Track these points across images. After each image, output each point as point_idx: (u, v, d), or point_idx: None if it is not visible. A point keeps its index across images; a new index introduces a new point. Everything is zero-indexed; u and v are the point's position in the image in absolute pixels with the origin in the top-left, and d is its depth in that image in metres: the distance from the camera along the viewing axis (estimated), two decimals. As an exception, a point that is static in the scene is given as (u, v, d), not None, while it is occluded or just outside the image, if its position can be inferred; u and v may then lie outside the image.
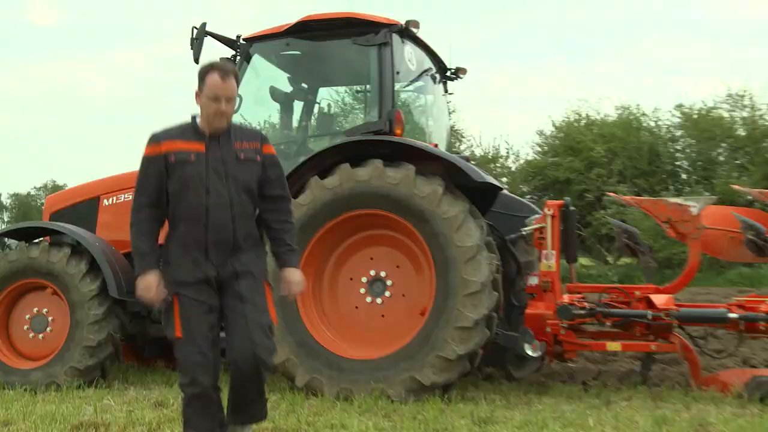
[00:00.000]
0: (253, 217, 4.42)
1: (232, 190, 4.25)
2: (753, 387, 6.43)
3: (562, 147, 25.84)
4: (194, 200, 4.20)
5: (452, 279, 6.33)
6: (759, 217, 7.20)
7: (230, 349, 4.19)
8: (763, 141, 23.83)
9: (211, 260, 4.24)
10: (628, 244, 8.09)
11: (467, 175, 6.66)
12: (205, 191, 4.19)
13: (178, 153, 4.23)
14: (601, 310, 6.99)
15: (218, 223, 4.21)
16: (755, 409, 5.89)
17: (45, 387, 6.98)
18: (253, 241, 4.39)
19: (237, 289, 4.25)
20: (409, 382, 6.29)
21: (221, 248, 4.24)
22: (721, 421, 5.43)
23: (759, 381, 6.52)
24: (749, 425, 5.30)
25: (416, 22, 7.27)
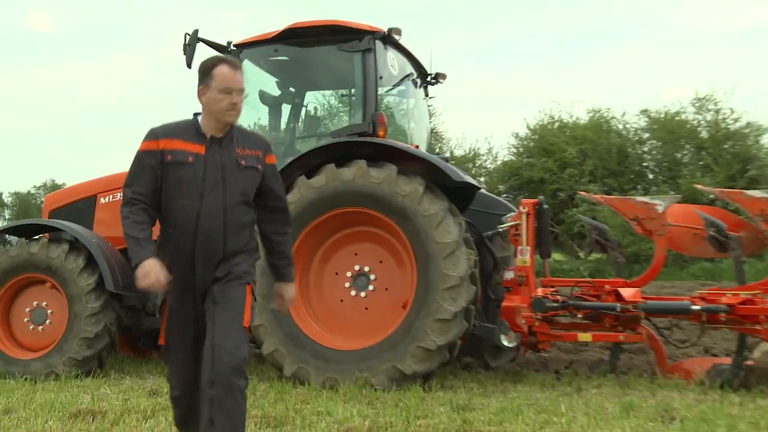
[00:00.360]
0: (249, 228, 3.96)
1: (228, 197, 3.80)
2: (714, 374, 6.50)
3: (536, 148, 25.92)
4: (186, 205, 3.77)
5: (432, 273, 6.34)
6: (720, 214, 7.25)
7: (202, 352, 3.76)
8: (725, 143, 23.98)
9: (197, 269, 3.81)
10: (599, 240, 8.12)
11: (447, 175, 6.68)
12: (200, 196, 3.76)
13: (175, 152, 3.79)
14: (572, 302, 7.02)
15: (208, 231, 3.77)
16: (716, 395, 5.94)
17: (44, 376, 7.01)
18: (244, 253, 3.92)
19: (213, 292, 3.81)
20: (392, 372, 6.30)
21: (208, 258, 3.80)
22: (685, 406, 5.46)
23: (719, 369, 6.58)
24: (710, 410, 5.33)
25: (398, 29, 7.28)
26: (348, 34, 7.15)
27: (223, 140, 3.86)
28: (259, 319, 6.51)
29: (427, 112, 8.68)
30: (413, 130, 8.09)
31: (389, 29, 7.23)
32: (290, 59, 7.71)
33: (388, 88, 7.60)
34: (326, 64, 7.75)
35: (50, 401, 5.80)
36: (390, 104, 7.99)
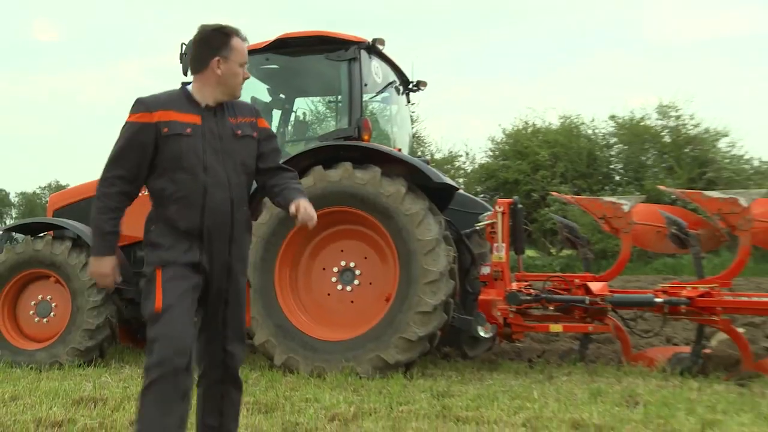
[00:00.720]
0: (247, 204, 3.59)
1: (229, 169, 3.43)
2: (674, 362, 6.54)
3: (511, 152, 26.00)
4: (190, 179, 3.35)
5: (414, 269, 6.35)
6: (681, 213, 7.31)
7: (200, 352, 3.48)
8: (685, 147, 24.16)
9: (205, 247, 3.39)
10: (569, 237, 8.16)
11: (427, 177, 6.69)
12: (203, 169, 3.36)
13: (172, 124, 3.35)
14: (545, 296, 7.04)
15: (216, 206, 3.38)
16: (676, 381, 5.97)
17: (49, 366, 7.02)
18: (246, 231, 3.59)
19: (224, 290, 3.47)
20: (376, 361, 6.30)
21: (218, 236, 3.41)
22: (648, 392, 5.49)
23: (679, 357, 6.63)
24: (671, 395, 5.37)
25: (382, 39, 7.28)
26: (335, 44, 7.14)
27: (216, 110, 3.50)
28: (252, 312, 6.50)
29: (409, 117, 8.68)
30: (396, 134, 8.09)
31: (373, 40, 7.23)
32: (281, 67, 7.68)
33: (372, 95, 7.59)
34: (314, 72, 7.73)
35: (54, 389, 5.77)
36: (374, 110, 7.98)
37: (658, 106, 25.06)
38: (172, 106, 3.40)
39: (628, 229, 7.20)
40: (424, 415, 4.81)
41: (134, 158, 3.36)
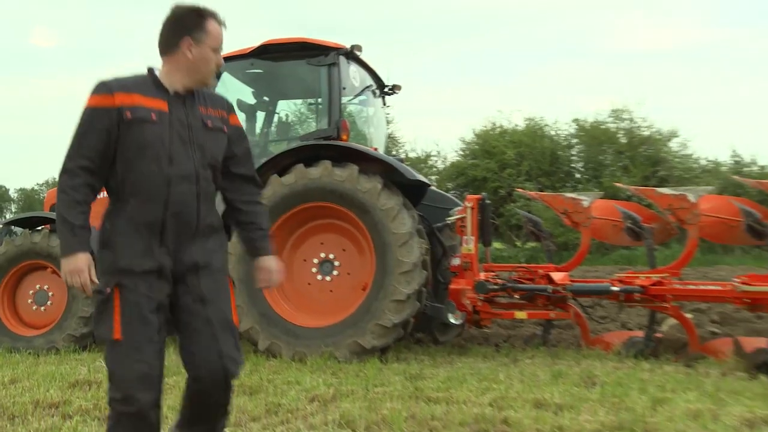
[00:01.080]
0: (215, 199, 3.07)
1: (197, 161, 2.91)
2: (629, 346, 6.59)
3: (480, 151, 26.00)
4: (153, 170, 2.83)
5: (389, 260, 6.35)
6: (636, 209, 7.37)
7: (192, 362, 2.91)
8: (639, 147, 24.35)
9: (167, 246, 2.87)
10: (533, 231, 8.20)
11: (402, 174, 6.69)
12: (168, 160, 2.84)
13: (135, 108, 2.82)
14: (510, 285, 7.07)
15: (181, 200, 2.87)
16: (630, 363, 6.01)
17: (46, 351, 7.02)
18: (215, 228, 3.05)
19: (198, 287, 2.92)
20: (353, 346, 6.30)
21: (181, 232, 2.89)
22: (604, 373, 5.53)
23: (634, 341, 6.69)
24: (626, 376, 5.41)
25: (359, 46, 7.27)
26: (315, 50, 7.12)
27: (186, 97, 2.96)
28: (237, 301, 6.46)
29: (384, 119, 8.67)
30: (372, 134, 8.08)
31: (352, 46, 7.21)
32: (264, 72, 7.64)
33: (350, 98, 7.57)
34: (296, 77, 7.70)
35: (51, 372, 5.74)
36: (352, 112, 7.96)
37: (612, 109, 25.28)
38: (137, 89, 2.87)
39: (588, 223, 7.25)
40: (398, 396, 4.82)
41: (98, 146, 2.82)
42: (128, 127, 2.81)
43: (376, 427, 4.09)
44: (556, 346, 7.16)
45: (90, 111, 2.85)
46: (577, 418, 4.16)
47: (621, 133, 24.96)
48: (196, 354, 2.90)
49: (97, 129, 2.82)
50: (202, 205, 2.94)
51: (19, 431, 4.04)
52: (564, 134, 26.27)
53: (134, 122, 2.81)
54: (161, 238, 2.87)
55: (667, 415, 4.25)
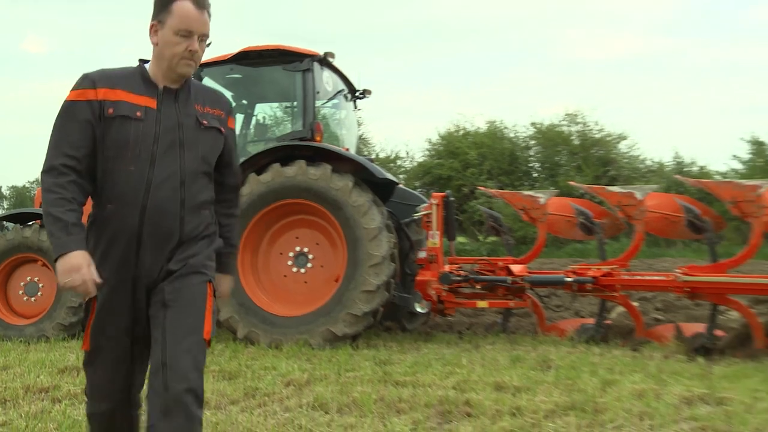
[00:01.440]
0: (209, 207, 2.59)
1: (186, 164, 2.46)
2: (581, 332, 6.67)
3: (444, 152, 26.09)
4: (132, 172, 2.40)
5: (360, 253, 6.35)
6: (588, 206, 7.44)
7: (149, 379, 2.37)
8: (592, 149, 24.63)
9: (143, 259, 2.44)
10: (494, 226, 8.25)
11: (371, 173, 6.70)
12: (150, 162, 2.41)
13: (119, 104, 2.42)
14: (473, 276, 7.12)
15: (161, 207, 2.42)
16: (583, 348, 6.09)
17: (36, 339, 6.95)
18: (206, 233, 2.58)
19: (162, 292, 2.45)
20: (326, 334, 6.29)
21: (160, 244, 2.45)
22: (559, 357, 5.59)
23: (585, 327, 6.76)
24: (578, 360, 5.48)
25: (332, 53, 7.26)
26: (291, 57, 7.08)
27: (179, 93, 2.53)
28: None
29: (356, 121, 8.65)
30: (344, 136, 8.06)
31: (325, 53, 7.19)
32: (243, 77, 7.58)
33: (323, 102, 7.55)
34: (273, 81, 7.65)
35: (41, 359, 5.66)
36: (325, 115, 7.93)
37: (567, 114, 25.53)
38: (123, 84, 2.46)
39: (544, 219, 7.31)
40: (368, 380, 4.83)
41: (80, 137, 2.40)
42: (109, 125, 2.41)
43: (347, 409, 4.09)
44: (514, 332, 7.22)
45: (71, 104, 2.44)
46: (534, 399, 4.20)
47: (575, 136, 25.24)
48: (152, 366, 2.37)
49: (79, 123, 2.40)
50: (188, 214, 2.48)
51: (11, 414, 3.97)
52: (522, 136, 26.51)
53: (116, 119, 2.41)
54: (138, 246, 2.43)
55: (615, 395, 4.31)
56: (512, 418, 3.83)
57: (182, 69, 2.49)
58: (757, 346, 5.76)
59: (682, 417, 3.86)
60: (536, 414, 3.89)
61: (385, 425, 3.71)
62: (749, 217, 5.90)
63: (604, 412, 3.92)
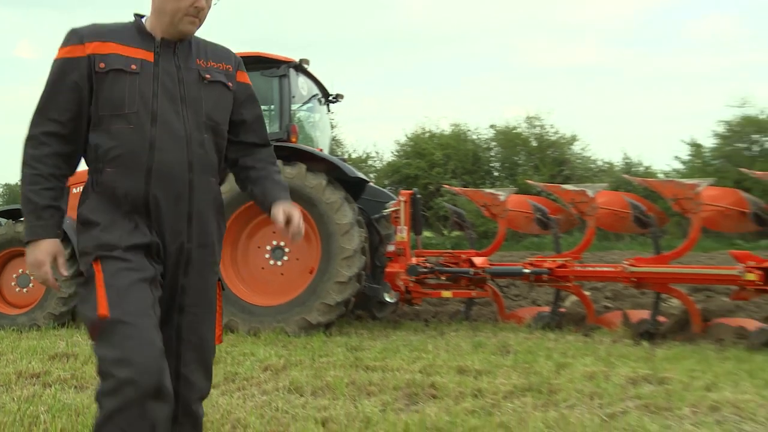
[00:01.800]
0: (216, 174, 2.20)
1: (190, 122, 2.07)
2: (537, 319, 6.73)
3: (412, 152, 26.15)
4: (132, 131, 2.01)
5: (333, 247, 6.34)
6: (545, 203, 7.50)
7: None
8: (548, 150, 24.88)
9: (155, 227, 2.04)
10: (458, 221, 8.29)
11: (344, 172, 6.69)
12: (150, 118, 2.02)
13: (110, 58, 2.03)
14: (438, 268, 7.15)
15: (168, 169, 2.03)
16: (539, 334, 6.15)
17: (28, 328, 6.88)
18: (213, 209, 2.18)
19: (184, 294, 2.10)
20: (301, 322, 6.28)
21: (170, 210, 2.05)
22: (517, 343, 5.65)
23: (542, 315, 6.83)
24: (535, 345, 5.53)
25: (307, 60, 7.24)
26: (268, 63, 7.04)
27: (178, 46, 2.13)
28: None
29: (329, 123, 8.62)
30: (318, 137, 8.04)
31: (300, 60, 7.17)
32: (223, 81, 7.51)
33: (299, 105, 7.52)
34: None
35: (33, 347, 5.59)
36: (301, 117, 7.90)
37: (525, 117, 25.76)
38: (115, 37, 2.07)
39: (504, 215, 7.36)
40: (341, 365, 4.83)
41: (66, 99, 2.03)
42: (101, 81, 2.02)
43: (321, 392, 4.09)
44: (476, 320, 7.26)
45: (57, 64, 2.06)
46: (494, 382, 4.24)
47: (532, 138, 25.46)
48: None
49: (65, 85, 2.03)
50: (196, 176, 2.09)
51: (4, 398, 3.91)
52: (484, 138, 26.71)
53: (109, 74, 2.02)
54: (147, 214, 2.04)
55: (568, 376, 4.37)
56: (474, 399, 3.86)
57: (185, 27, 2.10)
58: (695, 331, 5.89)
59: (628, 396, 3.93)
60: (496, 395, 3.93)
61: (356, 407, 3.71)
62: (689, 213, 6.02)
63: (558, 393, 3.97)
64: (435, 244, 21.01)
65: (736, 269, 5.67)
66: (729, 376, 4.40)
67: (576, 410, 3.64)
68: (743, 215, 5.99)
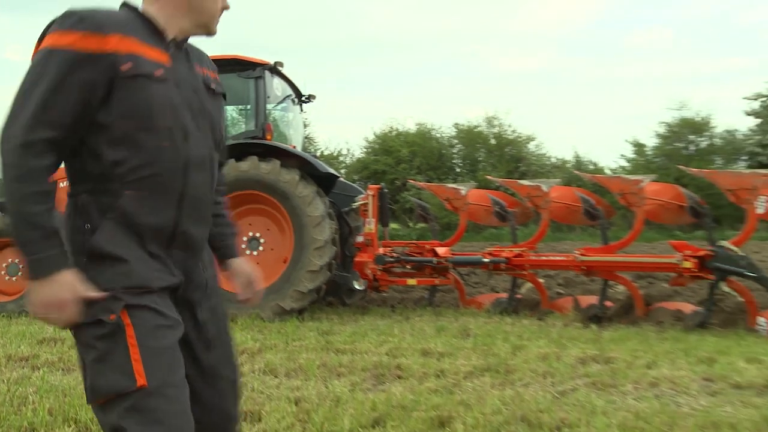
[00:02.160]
0: None
1: (209, 138, 1.64)
2: (496, 305, 6.79)
3: (380, 149, 26.12)
4: (165, 149, 1.53)
5: (305, 238, 6.32)
6: (503, 197, 7.56)
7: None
8: (506, 148, 25.10)
9: (174, 259, 1.59)
10: (422, 214, 8.31)
11: (315, 168, 6.67)
12: (183, 135, 1.55)
13: (139, 59, 1.49)
14: (404, 258, 7.16)
15: (197, 194, 1.60)
16: (497, 319, 6.21)
17: (17, 314, 6.73)
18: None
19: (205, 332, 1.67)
20: (276, 308, 6.25)
21: (193, 239, 1.62)
22: (477, 327, 5.70)
23: (499, 301, 6.89)
24: (493, 329, 5.59)
25: (281, 62, 7.20)
26: (245, 65, 6.96)
27: (186, 49, 1.67)
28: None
29: (302, 122, 8.58)
30: (292, 135, 7.98)
31: (275, 62, 7.12)
32: (201, 81, 7.41)
33: (273, 105, 7.45)
34: (229, 87, 7.33)
35: (22, 332, 5.53)
36: (275, 117, 7.83)
37: (486, 118, 25.94)
38: (133, 31, 1.52)
39: (465, 208, 7.40)
40: (313, 348, 4.83)
41: (73, 108, 1.45)
42: (125, 86, 1.48)
43: (294, 374, 4.09)
44: (439, 306, 7.29)
45: (63, 56, 1.44)
46: (455, 363, 4.28)
47: (492, 137, 25.64)
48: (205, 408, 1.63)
49: (74, 83, 1.44)
50: (211, 200, 1.70)
51: (-6, 381, 3.85)
52: (447, 136, 26.78)
53: (137, 78, 1.49)
54: (168, 247, 1.57)
55: (524, 357, 4.43)
56: (437, 379, 3.90)
57: (214, 27, 1.68)
58: (638, 314, 6.01)
59: (578, 374, 4.00)
60: (457, 375, 3.97)
61: (327, 387, 3.72)
62: (633, 206, 6.13)
63: (514, 372, 4.03)
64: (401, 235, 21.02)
65: (675, 258, 5.80)
66: (667, 354, 4.52)
67: (530, 388, 3.70)
68: (681, 208, 6.13)
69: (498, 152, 24.89)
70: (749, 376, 3.88)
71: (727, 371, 4.01)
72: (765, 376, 3.88)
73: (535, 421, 3.04)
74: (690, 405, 3.38)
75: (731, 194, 5.69)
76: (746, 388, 3.70)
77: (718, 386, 3.75)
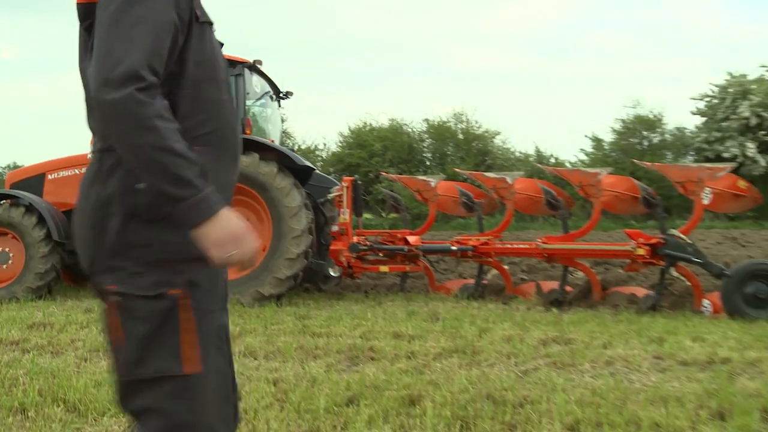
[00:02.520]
0: None
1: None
2: (463, 290, 6.83)
3: (354, 143, 26.03)
4: (226, 103, 1.40)
5: (283, 227, 6.29)
6: (470, 188, 7.61)
7: None
8: (473, 142, 25.22)
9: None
10: (394, 205, 8.32)
11: (293, 161, 6.63)
12: (229, 91, 1.46)
13: (201, 7, 1.39)
14: (376, 246, 7.17)
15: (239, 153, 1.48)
16: (464, 303, 6.25)
17: (8, 300, 6.60)
18: None
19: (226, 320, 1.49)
20: (255, 294, 6.21)
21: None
22: (445, 311, 5.73)
23: (467, 287, 6.93)
24: (461, 313, 5.62)
25: (260, 61, 7.15)
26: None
27: None
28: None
29: (280, 118, 8.50)
30: (270, 130, 7.90)
31: (254, 60, 7.07)
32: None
33: (253, 101, 7.38)
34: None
35: (13, 317, 5.41)
36: (254, 112, 7.74)
37: (454, 113, 26.03)
38: None
39: (434, 198, 7.43)
40: (290, 332, 4.82)
41: (166, 44, 1.29)
42: (196, 32, 1.34)
43: (272, 356, 4.08)
44: (410, 291, 7.31)
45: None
46: (425, 345, 4.31)
47: (459, 132, 25.74)
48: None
49: (169, 24, 1.28)
50: None
51: (-16, 365, 3.78)
52: (418, 131, 26.78)
53: (205, 27, 1.37)
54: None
55: (489, 339, 4.48)
56: (408, 360, 3.92)
57: None
58: (596, 299, 6.12)
59: (540, 355, 4.06)
60: (427, 356, 4.00)
61: (303, 368, 3.72)
62: (591, 197, 6.23)
63: (480, 354, 4.07)
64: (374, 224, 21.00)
65: (629, 245, 5.91)
66: (622, 335, 4.61)
67: (495, 368, 3.74)
68: (635, 199, 6.23)
69: (466, 146, 24.99)
70: (694, 354, 3.99)
71: (675, 349, 4.11)
72: (708, 353, 3.99)
73: (499, 398, 3.08)
74: (641, 381, 3.46)
75: (680, 186, 5.81)
76: (691, 364, 3.80)
77: (666, 363, 3.84)
